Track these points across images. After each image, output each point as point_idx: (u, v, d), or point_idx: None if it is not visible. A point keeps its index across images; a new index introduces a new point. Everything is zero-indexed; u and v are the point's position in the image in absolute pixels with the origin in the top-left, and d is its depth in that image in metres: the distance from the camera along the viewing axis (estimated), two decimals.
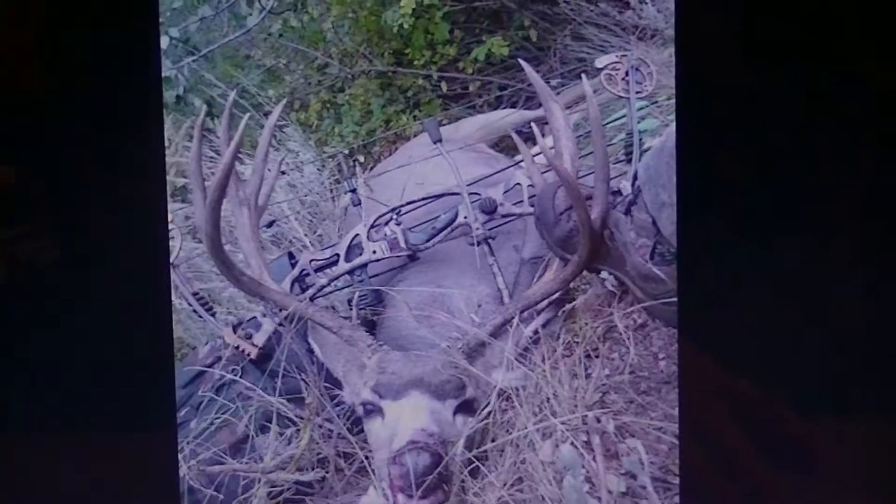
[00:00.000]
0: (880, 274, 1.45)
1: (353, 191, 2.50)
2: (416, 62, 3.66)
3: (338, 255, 2.28)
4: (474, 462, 1.87)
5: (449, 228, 2.26)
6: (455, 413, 1.93)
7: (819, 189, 1.45)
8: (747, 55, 1.47)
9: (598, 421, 1.81)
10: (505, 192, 2.27)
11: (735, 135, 1.46)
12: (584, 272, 2.05)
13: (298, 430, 2.03)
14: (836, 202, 1.45)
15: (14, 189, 1.48)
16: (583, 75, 2.21)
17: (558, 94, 3.03)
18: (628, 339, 1.96)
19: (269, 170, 2.30)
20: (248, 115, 2.32)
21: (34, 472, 1.53)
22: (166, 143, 3.13)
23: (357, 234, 2.29)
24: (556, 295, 2.07)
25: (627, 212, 1.97)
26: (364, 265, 2.28)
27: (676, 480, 1.65)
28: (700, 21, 1.47)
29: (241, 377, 2.13)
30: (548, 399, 1.90)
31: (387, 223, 2.30)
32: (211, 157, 3.03)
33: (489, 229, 2.24)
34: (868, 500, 1.50)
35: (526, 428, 1.86)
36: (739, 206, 1.47)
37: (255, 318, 2.22)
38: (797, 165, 1.45)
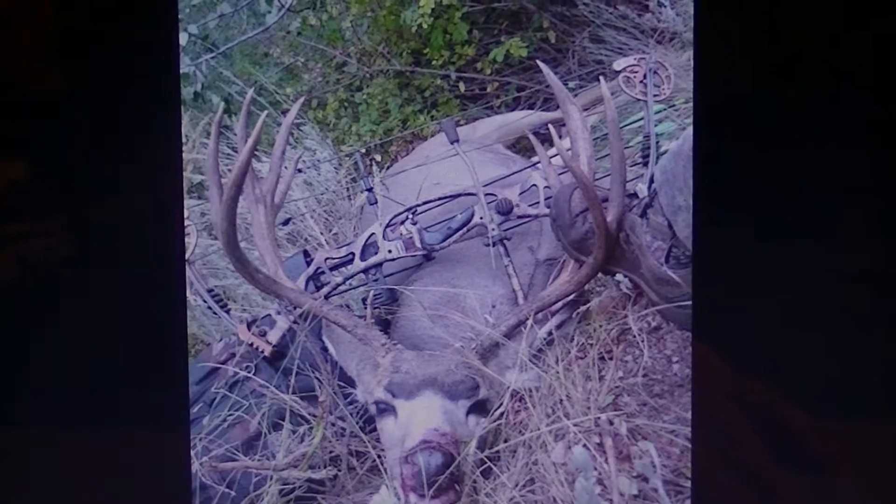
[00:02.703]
0: None
1: (370, 190, 2.51)
2: (434, 62, 3.66)
3: (353, 253, 2.28)
4: (486, 462, 1.87)
5: (465, 229, 2.26)
6: (468, 413, 1.93)
7: (835, 194, 1.45)
8: (765, 59, 1.46)
9: (611, 423, 1.81)
10: (521, 193, 2.27)
11: (752, 138, 1.46)
12: (599, 274, 2.04)
13: (311, 428, 2.03)
14: (852, 207, 1.45)
15: (30, 185, 1.49)
16: (601, 77, 2.20)
17: (576, 95, 3.03)
18: (642, 341, 1.96)
19: (285, 168, 2.30)
20: (265, 112, 2.32)
21: (46, 467, 1.54)
22: (184, 140, 3.14)
23: (373, 233, 2.29)
24: (571, 297, 2.06)
25: (643, 214, 1.96)
26: (379, 264, 2.28)
27: (688, 483, 1.65)
28: (719, 24, 1.47)
29: (254, 374, 2.13)
30: (561, 400, 1.90)
31: (402, 222, 2.30)
32: (228, 155, 3.04)
33: (505, 230, 2.24)
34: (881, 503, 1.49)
35: (539, 429, 1.86)
36: (755, 210, 1.47)
37: (269, 315, 2.22)
38: (814, 170, 1.45)
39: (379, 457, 1.99)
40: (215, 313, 2.30)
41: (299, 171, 3.04)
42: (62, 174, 1.51)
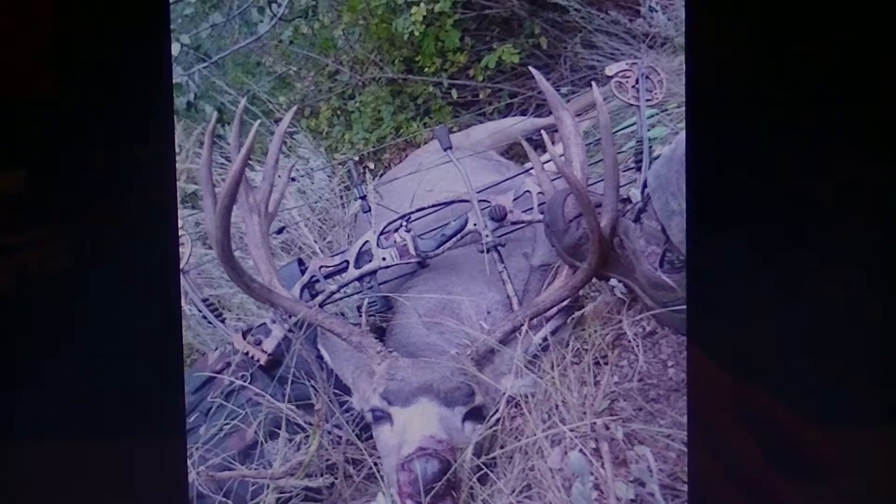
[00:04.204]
0: (891, 282, 1.45)
1: (363, 197, 2.51)
2: (426, 69, 3.67)
3: (347, 261, 2.28)
4: (483, 469, 1.87)
5: (458, 235, 2.27)
6: (464, 420, 1.93)
7: (829, 197, 1.45)
8: (757, 63, 1.47)
9: (607, 428, 1.81)
10: (514, 200, 2.27)
11: (744, 143, 1.46)
12: (594, 279, 2.04)
13: (307, 436, 2.03)
14: (846, 210, 1.45)
15: (24, 195, 1.49)
16: (593, 83, 2.21)
17: (568, 101, 3.04)
18: (637, 346, 1.96)
19: (279, 176, 2.31)
20: (258, 121, 2.32)
21: (43, 477, 1.53)
22: (177, 150, 3.14)
23: (367, 241, 2.29)
24: (566, 302, 2.06)
25: (637, 219, 1.96)
26: (374, 272, 2.28)
27: (685, 488, 1.65)
28: (710, 29, 1.47)
29: (250, 383, 2.13)
30: (557, 406, 1.90)
31: (396, 230, 2.30)
32: (221, 164, 3.04)
33: (499, 236, 2.24)
34: None
35: (535, 435, 1.86)
36: (748, 214, 1.47)
37: (264, 324, 2.22)
38: (806, 173, 1.45)
39: (375, 464, 1.99)
40: (210, 322, 2.30)
41: (293, 179, 3.05)
42: (55, 184, 1.51)
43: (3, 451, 1.53)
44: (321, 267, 2.29)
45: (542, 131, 2.45)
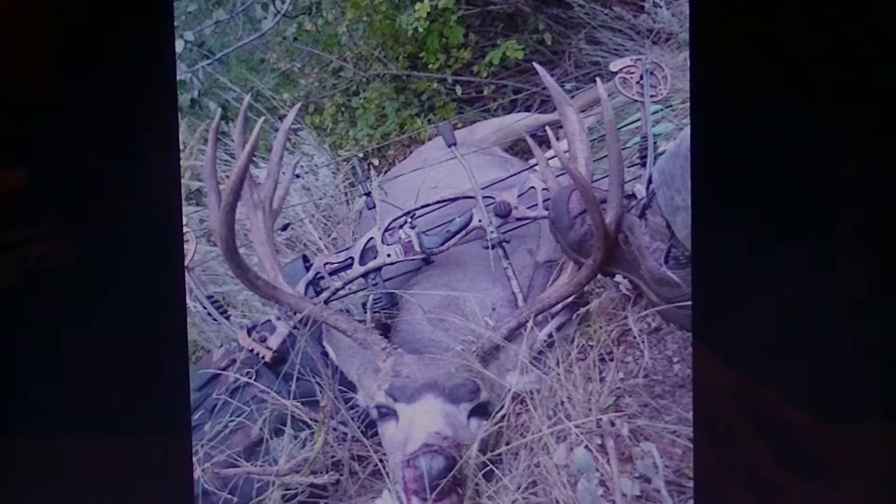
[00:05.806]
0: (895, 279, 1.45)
1: (368, 194, 2.51)
2: (430, 66, 3.66)
3: (352, 258, 2.28)
4: (488, 465, 1.87)
5: (463, 232, 2.26)
6: (469, 416, 1.93)
7: (834, 193, 1.45)
8: (761, 59, 1.46)
9: (613, 424, 1.81)
10: (519, 196, 2.27)
11: (749, 138, 1.46)
12: (599, 276, 2.04)
13: (313, 433, 2.02)
14: (851, 207, 1.45)
15: (29, 192, 1.49)
16: (597, 79, 2.21)
17: (573, 97, 3.03)
18: (643, 342, 1.96)
19: (283, 173, 2.31)
20: (262, 118, 2.32)
21: (49, 474, 1.53)
22: (181, 147, 3.14)
23: (371, 238, 2.29)
24: (571, 298, 2.06)
25: (642, 215, 1.96)
26: (378, 268, 2.27)
27: (691, 484, 1.64)
28: (715, 25, 1.47)
29: (255, 380, 2.13)
30: (562, 402, 1.90)
31: (401, 226, 2.30)
32: (226, 161, 3.05)
33: (503, 233, 2.24)
34: None
35: (540, 431, 1.86)
36: (754, 210, 1.47)
37: (269, 321, 2.21)
38: (811, 169, 1.45)
39: (381, 461, 1.99)
40: (215, 319, 2.29)
41: (297, 176, 3.05)
42: (59, 182, 1.51)
43: (7, 448, 1.53)
44: (326, 264, 2.29)
45: (547, 127, 2.45)
